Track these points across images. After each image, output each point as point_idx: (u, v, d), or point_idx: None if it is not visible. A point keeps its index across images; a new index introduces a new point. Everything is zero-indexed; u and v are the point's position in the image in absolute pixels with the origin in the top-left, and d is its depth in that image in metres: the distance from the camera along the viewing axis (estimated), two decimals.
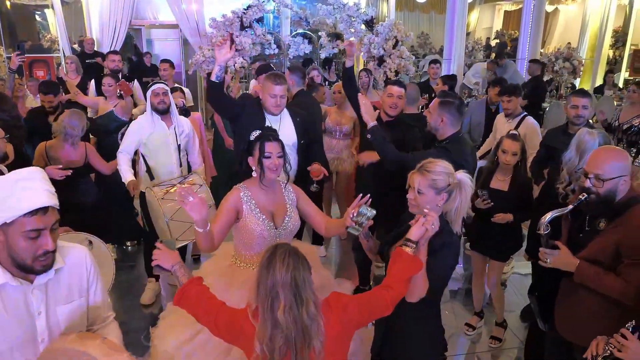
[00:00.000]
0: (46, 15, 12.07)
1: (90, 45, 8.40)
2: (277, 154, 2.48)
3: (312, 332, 1.60)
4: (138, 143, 3.80)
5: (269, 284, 1.60)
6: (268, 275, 1.61)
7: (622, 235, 2.07)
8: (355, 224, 2.21)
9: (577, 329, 2.25)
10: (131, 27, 10.00)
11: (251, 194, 2.52)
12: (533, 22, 10.22)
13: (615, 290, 2.06)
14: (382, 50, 7.82)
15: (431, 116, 3.13)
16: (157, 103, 3.74)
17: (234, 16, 7.66)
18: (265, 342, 1.59)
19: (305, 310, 1.60)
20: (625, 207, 2.11)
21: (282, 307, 1.58)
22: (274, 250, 1.67)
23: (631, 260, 2.03)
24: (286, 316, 1.58)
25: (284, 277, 1.59)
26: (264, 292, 1.61)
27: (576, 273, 2.15)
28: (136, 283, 4.38)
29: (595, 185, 2.11)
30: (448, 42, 9.28)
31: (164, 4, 10.05)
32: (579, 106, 3.56)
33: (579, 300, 2.22)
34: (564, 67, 10.24)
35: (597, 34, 11.54)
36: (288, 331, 1.59)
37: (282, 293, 1.59)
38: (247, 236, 2.51)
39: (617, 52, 13.58)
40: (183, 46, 11.42)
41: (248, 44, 7.73)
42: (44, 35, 11.92)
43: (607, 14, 11.34)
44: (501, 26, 17.22)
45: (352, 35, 8.10)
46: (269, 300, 1.60)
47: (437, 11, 16.45)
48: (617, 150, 2.19)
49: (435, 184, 2.10)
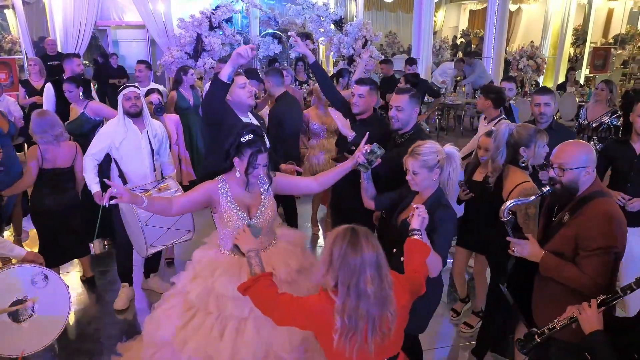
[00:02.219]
0: (6, 15, 11.71)
1: (52, 47, 8.13)
2: (264, 164, 2.54)
3: (388, 302, 1.79)
4: (109, 147, 3.71)
5: (357, 262, 1.74)
6: (356, 255, 1.74)
7: (579, 226, 2.15)
8: (366, 161, 2.56)
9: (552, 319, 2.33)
10: (96, 28, 9.78)
11: (229, 187, 2.60)
12: (498, 21, 10.46)
13: (575, 281, 2.14)
14: (352, 50, 7.89)
15: (403, 112, 3.15)
16: (129, 107, 3.65)
17: (203, 17, 7.60)
18: (348, 313, 1.74)
19: (386, 283, 1.79)
20: (587, 199, 2.18)
21: (368, 281, 1.74)
22: (356, 233, 1.78)
23: (585, 252, 2.11)
24: (371, 288, 1.74)
25: (370, 255, 1.75)
26: (349, 269, 1.74)
27: (540, 265, 2.23)
28: (108, 288, 4.30)
29: (558, 174, 2.19)
30: (416, 41, 9.43)
31: (129, 4, 9.88)
32: (541, 104, 3.73)
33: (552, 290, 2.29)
34: (528, 65, 10.52)
35: (559, 32, 11.88)
36: (371, 302, 1.75)
37: (368, 269, 1.75)
38: (225, 226, 2.61)
39: (578, 50, 14.02)
40: (150, 47, 11.26)
41: (217, 44, 7.69)
42: (4, 37, 11.56)
43: (567, 13, 11.69)
44: (467, 25, 17.56)
45: (322, 35, 8.15)
46: (355, 276, 1.74)
47: (404, 10, 16.65)
48: (580, 143, 2.26)
49: (427, 163, 2.43)
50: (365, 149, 2.57)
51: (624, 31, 13.89)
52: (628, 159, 3.44)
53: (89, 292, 4.27)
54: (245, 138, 2.50)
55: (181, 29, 7.78)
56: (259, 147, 2.50)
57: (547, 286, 2.29)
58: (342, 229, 1.82)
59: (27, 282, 2.84)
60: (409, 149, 2.57)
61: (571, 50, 13.36)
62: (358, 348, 1.77)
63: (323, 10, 7.93)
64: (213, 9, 7.71)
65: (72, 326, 3.78)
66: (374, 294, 1.75)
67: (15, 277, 2.82)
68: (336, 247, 1.78)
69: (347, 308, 1.74)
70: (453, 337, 3.77)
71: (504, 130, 2.97)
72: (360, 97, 3.52)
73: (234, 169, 2.58)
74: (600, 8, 14.10)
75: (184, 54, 7.68)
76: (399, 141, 3.21)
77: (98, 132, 3.82)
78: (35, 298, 2.85)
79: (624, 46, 13.76)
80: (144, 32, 10.91)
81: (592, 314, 1.88)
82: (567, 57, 12.22)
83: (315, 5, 7.95)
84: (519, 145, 2.96)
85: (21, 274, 2.84)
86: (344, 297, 1.75)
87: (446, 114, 10.51)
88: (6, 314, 2.77)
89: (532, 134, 2.98)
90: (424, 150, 2.45)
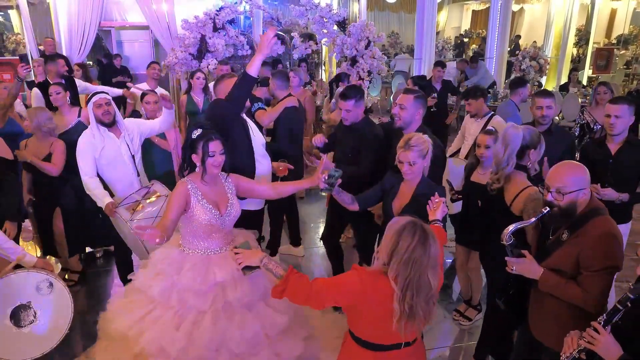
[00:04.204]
0: (10, 16, 11.76)
1: (50, 47, 7.99)
2: (220, 151, 2.69)
3: (436, 292, 1.94)
4: (94, 160, 3.56)
5: (424, 261, 1.86)
6: (424, 254, 1.86)
7: (580, 247, 2.16)
8: (328, 185, 2.70)
9: (546, 330, 2.35)
10: (100, 29, 9.81)
11: (197, 186, 2.72)
12: (500, 21, 10.46)
13: (577, 299, 2.15)
14: (355, 51, 7.90)
15: (406, 112, 3.22)
16: (101, 114, 3.51)
17: (207, 17, 7.63)
18: (409, 303, 1.86)
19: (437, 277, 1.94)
20: (585, 218, 2.19)
21: (430, 278, 1.89)
22: (424, 231, 1.89)
23: (589, 272, 2.12)
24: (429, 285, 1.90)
25: (435, 255, 1.89)
26: (416, 265, 1.85)
27: (540, 282, 2.26)
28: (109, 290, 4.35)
29: (556, 198, 2.18)
30: (418, 41, 9.43)
31: (132, 4, 9.91)
32: (543, 107, 3.73)
33: (548, 301, 2.30)
34: (530, 65, 10.52)
35: (562, 32, 11.86)
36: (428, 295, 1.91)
37: (431, 268, 1.88)
38: (195, 225, 2.71)
39: (581, 50, 14.01)
40: (154, 47, 11.29)
41: (221, 45, 7.72)
42: (7, 37, 11.61)
43: (570, 13, 11.67)
44: (469, 25, 17.56)
45: (325, 36, 8.17)
46: (419, 273, 1.86)
47: (407, 11, 16.66)
48: (576, 164, 2.27)
49: (422, 152, 2.72)
50: (324, 177, 2.72)
51: (627, 31, 13.91)
52: (604, 160, 3.46)
53: (91, 291, 4.35)
54: (195, 134, 2.68)
55: (185, 30, 7.81)
56: (210, 136, 2.66)
57: (543, 300, 2.32)
58: (410, 223, 1.90)
59: (31, 288, 2.85)
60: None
61: (574, 51, 13.35)
62: (406, 328, 1.91)
63: (326, 11, 7.94)
64: (217, 10, 7.74)
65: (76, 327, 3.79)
66: (430, 287, 1.90)
67: (21, 283, 2.83)
68: (404, 241, 1.87)
69: (407, 298, 1.86)
70: (455, 338, 3.80)
71: (514, 135, 2.84)
72: (348, 112, 3.54)
73: (198, 169, 2.72)
74: (603, 8, 14.10)
75: (187, 55, 7.71)
76: None
77: (77, 150, 3.60)
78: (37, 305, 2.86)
79: (627, 46, 13.77)
80: (148, 33, 10.94)
81: (607, 340, 1.79)
82: (569, 58, 12.20)
83: (318, 7, 7.97)
84: (528, 148, 2.89)
85: (26, 279, 2.85)
86: (404, 288, 1.86)
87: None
88: (9, 319, 2.80)
89: (539, 135, 2.96)
90: (418, 142, 2.71)
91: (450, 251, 5.07)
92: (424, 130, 3.29)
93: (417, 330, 2.01)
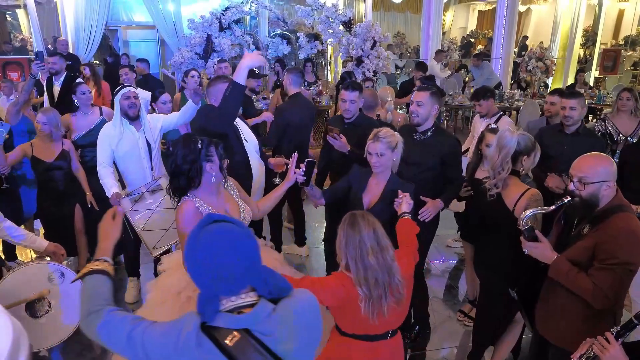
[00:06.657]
0: (17, 15, 11.83)
1: (64, 47, 8.11)
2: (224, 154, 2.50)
3: (394, 270, 2.06)
4: (111, 150, 3.65)
5: (357, 239, 2.03)
6: (355, 233, 2.03)
7: (599, 239, 2.13)
8: (306, 178, 2.83)
9: (549, 326, 2.35)
10: (107, 28, 9.86)
11: (204, 202, 2.39)
12: (507, 21, 10.43)
13: (584, 290, 2.13)
14: (361, 51, 7.90)
15: (423, 108, 3.23)
16: (127, 107, 3.58)
17: (213, 17, 7.66)
18: (362, 283, 2.01)
19: (387, 254, 2.05)
20: (608, 213, 2.15)
21: (370, 253, 2.02)
22: (354, 216, 2.08)
23: (601, 264, 2.10)
24: (373, 259, 2.02)
25: (367, 231, 2.04)
26: (354, 245, 2.03)
27: (551, 267, 2.23)
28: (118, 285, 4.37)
29: (578, 188, 2.16)
30: (424, 41, 9.43)
31: (139, 4, 9.96)
32: (566, 107, 3.65)
33: (553, 299, 2.30)
34: (537, 66, 10.48)
35: (568, 33, 11.81)
36: (377, 271, 2.02)
37: (368, 243, 2.03)
38: None
39: (588, 51, 13.93)
40: (160, 47, 11.33)
41: (227, 45, 7.74)
42: (15, 36, 11.68)
43: (577, 14, 11.61)
44: (475, 26, 17.50)
45: (331, 36, 8.17)
46: (358, 251, 2.02)
47: (413, 11, 16.63)
48: (602, 156, 2.23)
49: (390, 144, 2.80)
50: (302, 170, 2.81)
51: (634, 32, 13.80)
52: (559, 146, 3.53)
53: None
54: (199, 143, 2.33)
55: (191, 30, 7.83)
56: (214, 140, 2.41)
57: (553, 297, 2.30)
58: (345, 215, 2.10)
59: (44, 278, 2.90)
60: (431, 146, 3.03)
61: (581, 52, 13.29)
62: (377, 312, 2.03)
63: (332, 11, 7.94)
64: (223, 10, 7.76)
65: None
66: (378, 263, 2.02)
67: (33, 274, 2.88)
68: (341, 231, 2.08)
69: (360, 279, 2.01)
70: (460, 338, 3.78)
71: (508, 139, 2.79)
72: (352, 102, 3.69)
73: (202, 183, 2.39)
74: (611, 9, 14.02)
75: (194, 55, 7.74)
76: (419, 139, 3.29)
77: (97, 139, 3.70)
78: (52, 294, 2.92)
79: (634, 47, 13.67)
80: (154, 33, 10.99)
81: (616, 352, 1.80)
82: (576, 59, 12.15)
83: (324, 7, 7.97)
84: (521, 154, 2.81)
85: (39, 270, 2.90)
86: (355, 270, 2.03)
87: (454, 115, 10.52)
88: (24, 309, 2.84)
89: (534, 142, 2.89)
90: (387, 134, 2.82)
91: (455, 252, 5.06)
92: (438, 128, 3.36)
93: (400, 313, 2.16)
